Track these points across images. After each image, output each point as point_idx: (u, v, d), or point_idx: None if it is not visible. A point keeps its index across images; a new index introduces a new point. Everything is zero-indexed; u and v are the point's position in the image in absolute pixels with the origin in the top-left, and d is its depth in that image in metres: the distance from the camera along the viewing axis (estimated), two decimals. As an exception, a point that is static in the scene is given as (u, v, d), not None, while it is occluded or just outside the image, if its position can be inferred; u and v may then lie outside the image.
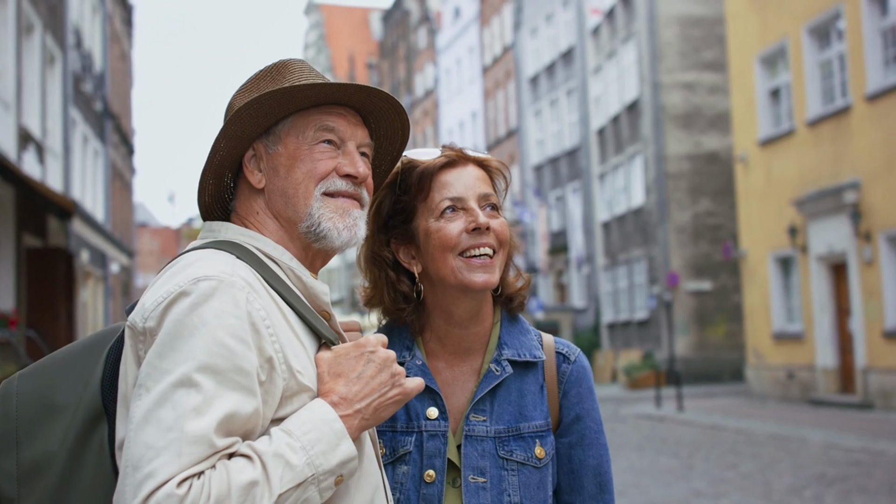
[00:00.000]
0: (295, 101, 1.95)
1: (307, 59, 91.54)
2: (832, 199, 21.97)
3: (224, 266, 1.78)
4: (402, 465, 2.18)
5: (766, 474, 13.12)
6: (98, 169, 31.78)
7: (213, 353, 1.67)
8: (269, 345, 1.75)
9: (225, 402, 1.66)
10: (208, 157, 1.97)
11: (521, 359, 2.25)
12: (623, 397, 28.75)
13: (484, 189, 2.25)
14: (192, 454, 1.60)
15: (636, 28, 34.04)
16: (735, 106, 27.33)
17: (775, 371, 25.30)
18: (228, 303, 1.71)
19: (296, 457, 1.67)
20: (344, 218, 1.95)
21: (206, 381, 1.65)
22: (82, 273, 26.31)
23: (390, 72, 70.12)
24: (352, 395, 1.79)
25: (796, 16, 23.62)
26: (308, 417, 1.74)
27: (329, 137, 1.97)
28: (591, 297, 38.85)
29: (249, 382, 1.69)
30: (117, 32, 37.56)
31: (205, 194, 2.03)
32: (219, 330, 1.68)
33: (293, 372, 1.77)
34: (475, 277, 2.17)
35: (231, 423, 1.66)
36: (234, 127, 1.94)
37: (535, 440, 2.22)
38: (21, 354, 15.81)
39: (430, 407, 2.21)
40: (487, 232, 2.19)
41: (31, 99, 20.88)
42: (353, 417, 1.77)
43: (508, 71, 47.83)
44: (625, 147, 35.24)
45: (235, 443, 1.67)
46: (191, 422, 1.62)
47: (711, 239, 32.26)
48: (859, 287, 21.33)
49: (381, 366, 1.83)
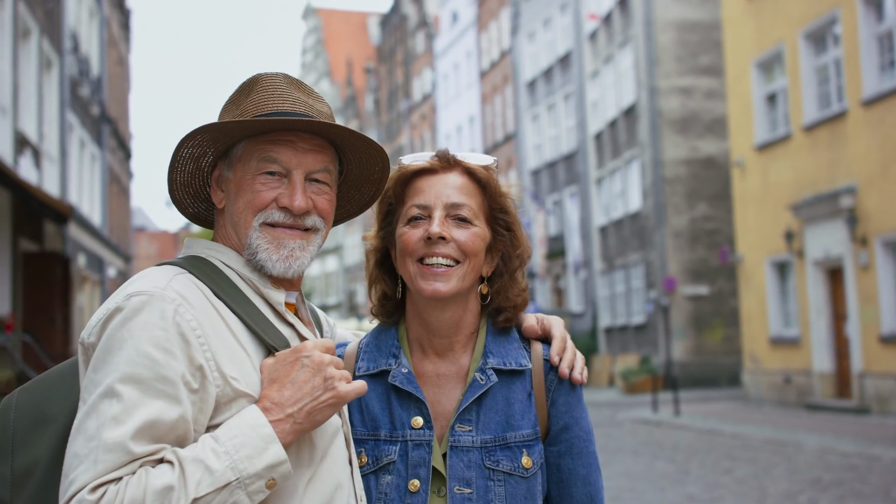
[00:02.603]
0: (235, 133, 2.02)
1: (305, 63, 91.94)
2: (828, 204, 21.99)
3: (158, 281, 1.88)
4: (386, 475, 2.16)
5: (761, 479, 13.12)
6: (95, 173, 31.77)
7: (136, 364, 1.76)
8: (200, 353, 1.82)
9: (146, 409, 1.74)
10: (168, 177, 2.08)
11: (506, 367, 2.23)
12: (620, 402, 28.75)
13: (456, 198, 2.22)
14: (107, 461, 1.69)
15: (633, 33, 34.08)
16: (732, 111, 27.36)
17: (772, 376, 25.31)
18: (155, 315, 1.80)
19: (217, 461, 1.73)
20: (279, 249, 2.01)
21: (128, 391, 1.74)
22: (79, 277, 26.29)
23: (388, 76, 70.16)
24: (283, 399, 1.85)
25: (793, 21, 23.66)
26: (236, 423, 1.80)
27: (271, 169, 2.02)
28: (589, 302, 38.85)
29: (173, 390, 1.77)
30: (114, 37, 37.56)
31: (184, 209, 2.17)
32: (143, 342, 1.78)
33: (227, 379, 1.84)
34: (426, 285, 2.18)
35: (154, 430, 1.73)
36: (183, 152, 2.04)
37: (523, 449, 2.19)
38: (17, 359, 15.79)
39: (416, 416, 2.19)
40: (443, 242, 2.18)
41: (28, 103, 20.88)
42: (284, 422, 1.82)
43: (506, 75, 47.87)
44: (622, 152, 35.27)
45: (161, 449, 1.73)
46: (108, 430, 1.71)
47: (708, 244, 32.27)
48: (856, 292, 21.34)
49: (314, 370, 1.87)
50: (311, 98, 2.10)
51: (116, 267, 36.25)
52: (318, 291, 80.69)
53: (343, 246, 76.30)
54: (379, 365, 2.26)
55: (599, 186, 37.80)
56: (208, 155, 2.07)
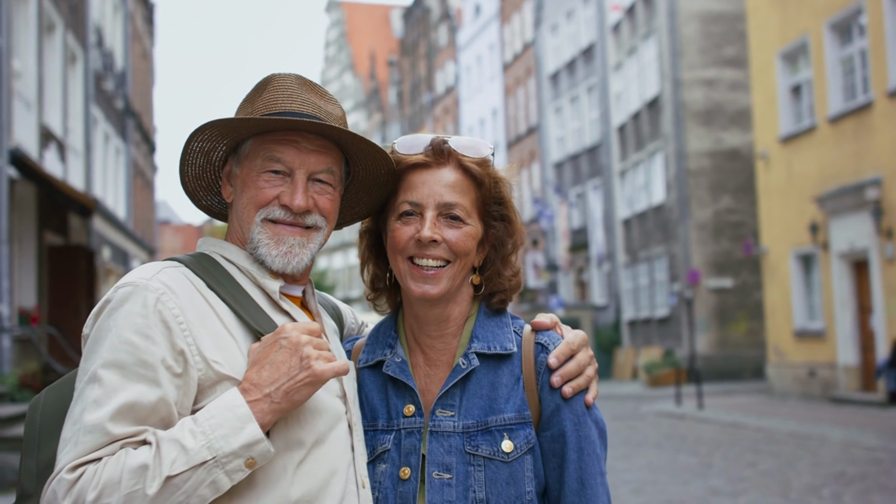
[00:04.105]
0: (241, 130, 2.09)
1: (328, 57, 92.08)
2: (853, 196, 21.83)
3: (145, 273, 1.98)
4: (382, 464, 2.18)
5: (785, 472, 13.06)
6: (119, 167, 31.96)
7: (118, 350, 1.86)
8: (181, 339, 1.91)
9: (126, 392, 1.83)
10: (179, 169, 2.17)
11: (490, 351, 2.21)
12: (643, 395, 28.68)
13: (448, 198, 2.20)
14: (86, 443, 1.79)
15: (657, 24, 33.92)
16: (756, 102, 27.19)
17: (796, 369, 25.17)
18: (138, 304, 1.90)
19: (193, 441, 1.80)
20: (278, 245, 2.09)
21: (109, 375, 1.84)
22: (103, 270, 26.48)
23: (411, 69, 70.15)
24: (261, 380, 1.90)
25: (818, 12, 23.48)
26: (215, 405, 1.87)
27: (275, 167, 2.09)
28: (612, 295, 38.76)
29: (153, 374, 1.86)
30: (138, 31, 37.74)
31: (198, 201, 2.26)
32: (125, 329, 1.88)
33: (209, 363, 1.92)
34: (415, 287, 2.19)
35: (135, 412, 1.81)
36: (193, 145, 2.11)
37: (504, 433, 2.15)
38: (42, 351, 15.93)
39: (408, 404, 2.21)
40: (434, 244, 2.17)
41: (53, 97, 21.02)
42: (262, 402, 1.88)
43: (529, 68, 47.77)
44: (645, 144, 35.13)
45: (142, 431, 1.81)
46: (89, 413, 1.82)
47: (732, 236, 32.12)
48: (881, 284, 21.18)
49: (291, 350, 1.92)
50: (323, 100, 2.14)
51: (141, 260, 36.44)
52: (342, 284, 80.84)
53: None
54: (376, 356, 2.28)
55: (623, 179, 37.68)
56: (219, 150, 2.14)
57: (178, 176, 2.17)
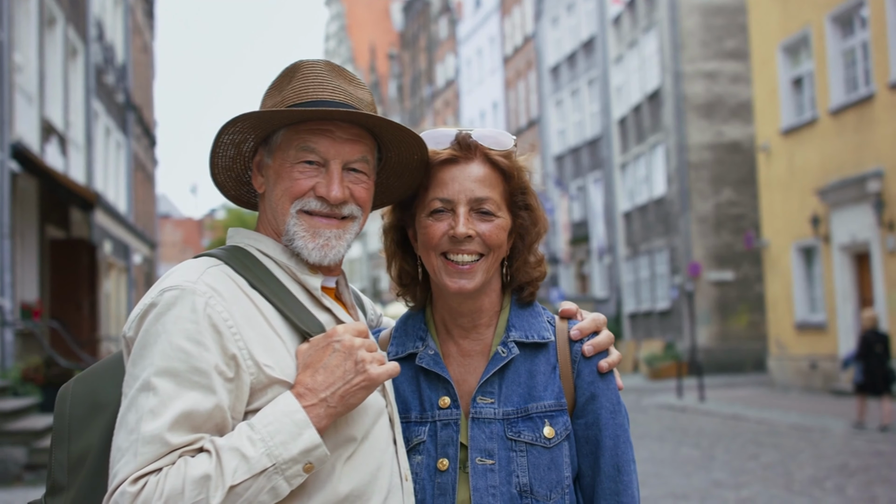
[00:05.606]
0: (273, 121, 2.05)
1: (328, 50, 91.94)
2: (855, 189, 21.82)
3: (190, 275, 1.94)
4: (417, 455, 2.19)
5: (787, 465, 13.08)
6: (120, 160, 31.95)
7: (171, 357, 1.83)
8: (232, 343, 1.88)
9: (182, 401, 1.81)
10: (209, 161, 2.11)
11: (528, 340, 2.24)
12: (644, 387, 28.71)
13: (479, 192, 2.21)
14: (146, 453, 1.77)
15: (658, 17, 33.88)
16: (757, 95, 27.16)
17: (798, 361, 25.18)
18: (187, 309, 1.87)
19: (253, 449, 1.79)
20: (315, 238, 2.05)
21: (164, 384, 1.81)
22: (105, 264, 26.48)
23: (411, 62, 70.11)
24: (316, 384, 1.89)
25: (819, 4, 23.44)
26: (271, 410, 1.86)
27: (309, 158, 2.05)
28: (613, 288, 38.77)
29: (207, 381, 1.84)
30: (139, 25, 37.70)
31: (227, 192, 2.22)
32: (176, 335, 1.85)
33: (260, 366, 1.89)
34: (451, 282, 2.19)
35: (191, 420, 1.79)
36: (224, 138, 2.07)
37: (545, 420, 2.19)
38: (45, 345, 15.95)
39: (443, 396, 2.22)
40: (469, 239, 2.18)
41: (54, 91, 21.00)
42: (318, 406, 1.88)
43: (529, 61, 47.72)
44: (646, 137, 35.11)
45: (199, 439, 1.80)
46: (146, 423, 1.79)
47: (733, 229, 32.11)
48: (882, 277, 21.18)
49: (345, 354, 1.91)
50: (353, 85, 2.10)
51: (142, 253, 36.46)
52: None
53: (367, 232, 76.29)
54: (407, 348, 2.28)
55: (623, 172, 37.67)
56: (249, 141, 2.10)
57: (208, 168, 2.13)
